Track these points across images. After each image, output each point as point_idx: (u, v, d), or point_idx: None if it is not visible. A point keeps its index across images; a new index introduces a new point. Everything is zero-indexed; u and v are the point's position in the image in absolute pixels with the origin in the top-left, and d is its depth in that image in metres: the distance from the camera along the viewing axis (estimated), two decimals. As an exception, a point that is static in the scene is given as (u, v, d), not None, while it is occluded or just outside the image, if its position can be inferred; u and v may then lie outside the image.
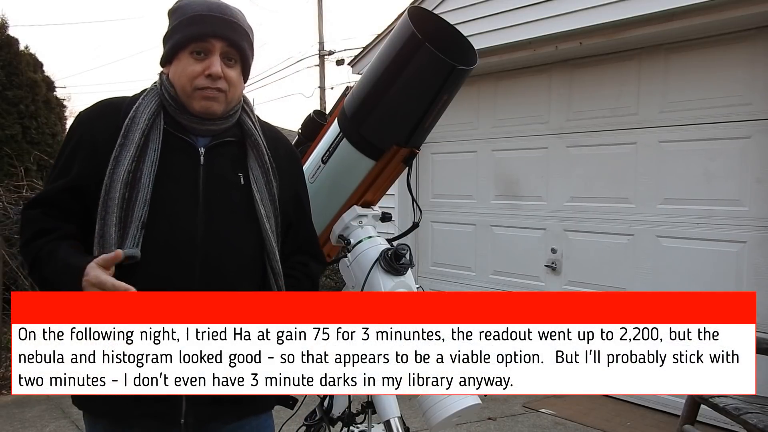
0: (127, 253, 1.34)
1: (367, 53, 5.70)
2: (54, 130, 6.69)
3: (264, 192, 1.50)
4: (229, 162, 1.49)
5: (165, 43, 1.49)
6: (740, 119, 3.82)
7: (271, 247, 1.49)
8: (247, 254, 1.48)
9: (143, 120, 1.42)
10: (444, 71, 1.63)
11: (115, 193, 1.37)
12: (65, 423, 3.98)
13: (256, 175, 1.50)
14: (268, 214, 1.49)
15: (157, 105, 1.46)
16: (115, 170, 1.38)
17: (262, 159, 1.52)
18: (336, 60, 15.93)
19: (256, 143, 1.52)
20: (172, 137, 1.45)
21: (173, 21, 1.47)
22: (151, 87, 1.51)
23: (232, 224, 1.46)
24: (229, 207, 1.46)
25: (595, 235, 4.53)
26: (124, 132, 1.41)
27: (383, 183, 1.89)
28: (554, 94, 4.79)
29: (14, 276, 5.01)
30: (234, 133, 1.52)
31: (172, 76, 1.46)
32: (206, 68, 1.42)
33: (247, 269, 1.47)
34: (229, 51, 1.45)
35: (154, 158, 1.40)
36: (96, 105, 1.52)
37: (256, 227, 1.48)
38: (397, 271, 1.79)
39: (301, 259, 1.63)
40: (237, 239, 1.46)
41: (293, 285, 1.55)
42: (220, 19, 1.43)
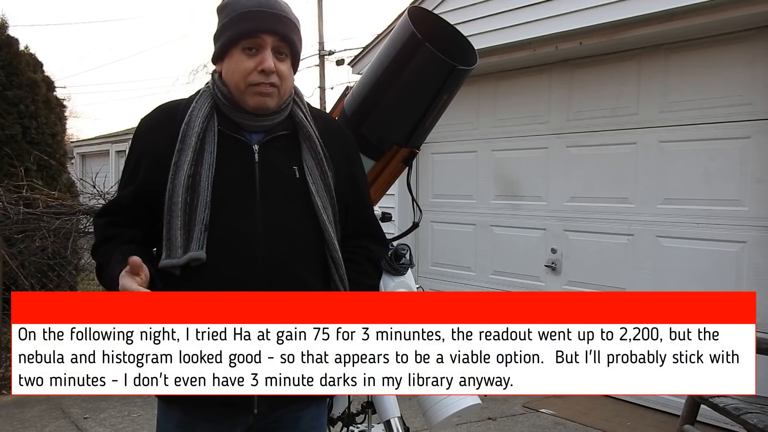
0: (193, 256, 1.39)
1: (367, 53, 5.69)
2: (54, 130, 6.67)
3: (319, 183, 1.52)
4: (283, 156, 1.52)
5: (216, 41, 1.51)
6: (740, 119, 3.82)
7: (330, 237, 1.51)
8: (308, 246, 1.50)
9: (198, 124, 1.45)
10: (444, 71, 1.63)
11: (177, 198, 1.42)
12: (65, 423, 3.98)
13: (310, 167, 1.52)
14: (325, 205, 1.51)
15: (210, 106, 1.49)
16: (176, 176, 1.43)
17: (315, 150, 1.53)
18: (336, 60, 15.94)
19: (309, 135, 1.54)
20: (227, 137, 1.48)
21: (222, 18, 1.49)
22: (204, 88, 1.54)
23: (291, 217, 1.49)
24: (286, 200, 1.49)
25: (595, 235, 4.53)
26: (181, 137, 1.45)
27: (383, 183, 1.89)
28: (554, 94, 4.79)
29: (14, 276, 5.01)
30: (286, 126, 1.54)
31: (225, 74, 1.49)
32: (259, 64, 1.44)
33: (308, 260, 1.50)
34: (280, 45, 1.47)
35: (211, 161, 1.44)
36: (154, 112, 1.56)
37: (314, 218, 1.50)
38: (397, 271, 1.79)
39: (362, 243, 1.64)
40: (296, 232, 1.48)
41: (354, 269, 1.57)
42: (269, 14, 1.45)
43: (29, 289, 5.03)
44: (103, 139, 16.94)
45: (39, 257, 5.24)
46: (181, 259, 1.40)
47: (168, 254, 1.42)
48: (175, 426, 1.50)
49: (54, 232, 5.04)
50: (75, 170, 14.75)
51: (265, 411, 1.45)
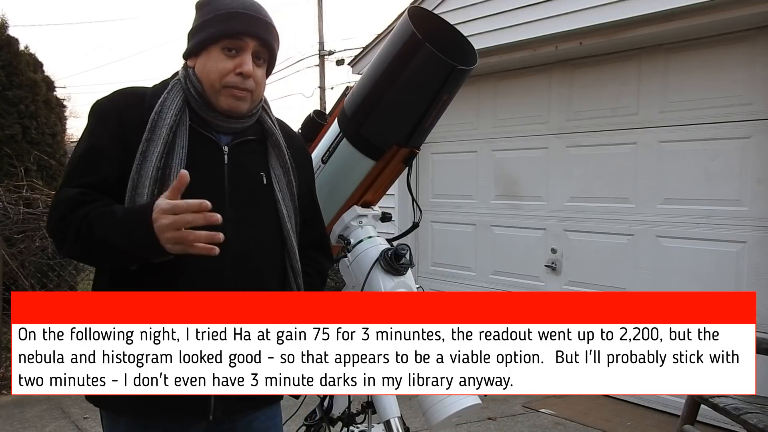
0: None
1: (367, 53, 5.69)
2: (54, 130, 6.67)
3: (285, 191, 1.52)
4: (251, 160, 1.50)
5: (192, 35, 1.47)
6: (740, 119, 3.82)
7: (292, 245, 1.51)
8: (271, 252, 1.49)
9: (170, 116, 1.40)
10: (444, 71, 1.63)
11: (143, 189, 1.35)
12: (65, 423, 3.98)
13: (277, 175, 1.51)
14: (290, 214, 1.51)
15: (182, 100, 1.44)
16: (143, 166, 1.36)
17: (283, 159, 1.53)
18: (336, 60, 15.94)
19: (277, 143, 1.53)
20: (197, 134, 1.44)
21: (204, 14, 1.45)
22: (174, 81, 1.48)
23: (257, 223, 1.47)
24: (254, 205, 1.48)
25: (595, 235, 4.53)
26: (150, 126, 1.38)
27: (383, 183, 1.89)
28: (554, 94, 4.79)
29: (14, 276, 5.01)
30: (255, 132, 1.52)
31: (200, 71, 1.44)
32: (237, 66, 1.41)
33: (271, 267, 1.49)
34: (260, 50, 1.45)
35: (182, 155, 1.39)
36: (117, 93, 1.48)
37: (278, 226, 1.50)
38: (397, 271, 1.79)
39: (314, 256, 1.65)
40: (262, 238, 1.48)
41: (306, 281, 1.57)
42: (254, 18, 1.43)
43: (29, 289, 5.03)
44: (103, 139, 16.87)
45: (39, 257, 5.24)
46: None
47: None
48: None
49: (54, 232, 5.02)
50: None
51: (221, 416, 1.42)
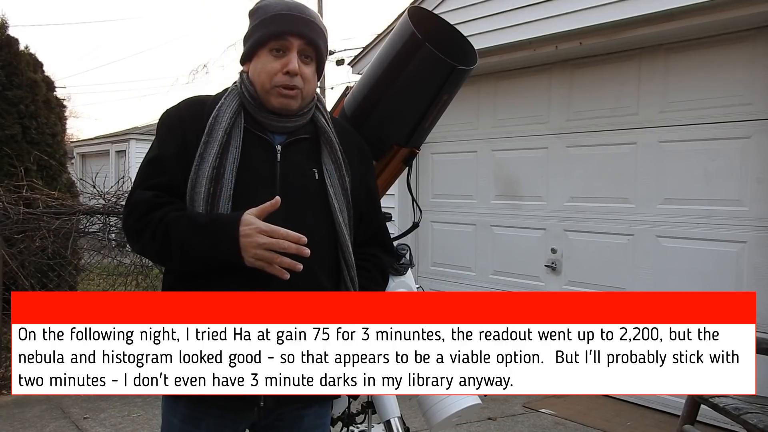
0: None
1: (367, 53, 5.69)
2: (54, 130, 6.67)
3: (337, 186, 1.55)
4: (304, 158, 1.55)
5: (245, 42, 1.56)
6: (740, 119, 3.82)
7: (344, 239, 1.54)
8: (323, 246, 1.52)
9: (225, 119, 1.49)
10: (444, 71, 1.63)
11: (200, 188, 1.45)
12: (65, 423, 3.98)
13: (329, 170, 1.56)
14: (341, 208, 1.55)
15: (238, 104, 1.53)
16: (200, 166, 1.46)
17: (335, 155, 1.57)
18: (336, 60, 15.92)
19: (330, 140, 1.58)
20: (252, 135, 1.52)
21: (254, 21, 1.54)
22: (232, 86, 1.58)
23: (309, 217, 1.51)
24: (305, 200, 1.52)
25: (595, 235, 4.53)
26: (208, 130, 1.48)
27: (383, 183, 1.89)
28: (554, 94, 4.79)
29: (14, 276, 5.01)
30: (308, 130, 1.58)
31: (252, 74, 1.53)
32: (284, 65, 1.48)
33: (324, 260, 1.52)
34: (306, 49, 1.52)
35: (236, 155, 1.47)
36: (183, 103, 1.59)
37: (330, 220, 1.53)
38: (397, 271, 1.79)
39: (373, 251, 1.67)
40: (314, 232, 1.49)
41: (364, 276, 1.60)
42: (298, 18, 1.50)
43: (29, 289, 5.03)
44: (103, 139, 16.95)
45: (39, 257, 5.24)
46: None
47: None
48: (180, 421, 1.51)
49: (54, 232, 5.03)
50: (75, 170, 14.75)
51: (271, 406, 1.46)
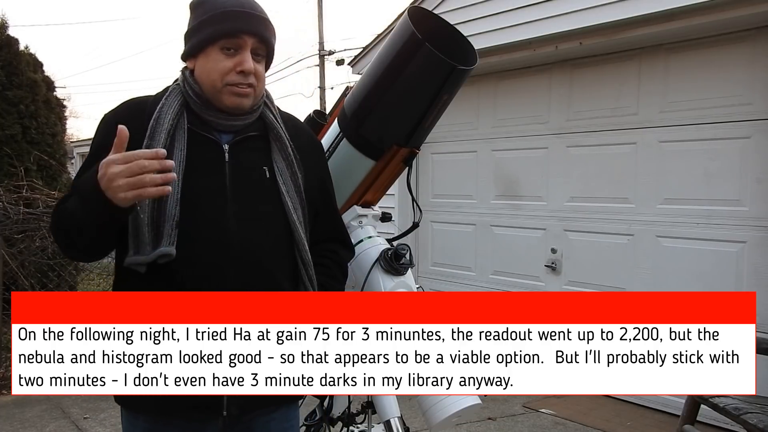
0: (163, 251, 1.36)
1: (367, 53, 5.69)
2: (54, 130, 6.67)
3: (290, 184, 1.52)
4: (254, 156, 1.51)
5: (189, 37, 1.48)
6: (740, 119, 3.82)
7: (300, 237, 1.51)
8: (278, 245, 1.50)
9: (167, 120, 1.43)
10: (444, 71, 1.63)
11: None
12: (65, 423, 3.98)
13: (280, 168, 1.52)
14: (295, 206, 1.52)
15: (180, 104, 1.46)
16: None
17: (286, 151, 1.54)
18: (336, 60, 15.94)
19: (279, 136, 1.54)
20: (197, 135, 1.46)
21: (199, 15, 1.46)
22: (173, 85, 1.51)
23: (262, 216, 1.48)
24: (257, 200, 1.49)
25: (595, 235, 4.53)
26: (149, 134, 1.41)
27: (383, 183, 1.89)
28: (554, 94, 4.79)
29: (14, 276, 5.01)
30: (257, 127, 1.54)
31: (199, 72, 1.47)
32: (238, 64, 1.43)
33: (279, 260, 1.50)
34: (259, 47, 1.47)
35: (181, 158, 1.42)
36: (121, 106, 1.53)
37: (284, 218, 1.50)
38: (397, 271, 1.79)
39: (331, 247, 1.65)
40: (267, 231, 1.48)
41: (323, 273, 1.58)
42: (250, 15, 1.45)
43: (29, 289, 5.03)
44: (103, 139, 16.87)
45: (39, 257, 5.24)
46: (150, 255, 1.36)
47: (135, 251, 1.38)
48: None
49: (54, 232, 5.02)
50: (75, 170, 14.73)
51: (235, 413, 1.43)
